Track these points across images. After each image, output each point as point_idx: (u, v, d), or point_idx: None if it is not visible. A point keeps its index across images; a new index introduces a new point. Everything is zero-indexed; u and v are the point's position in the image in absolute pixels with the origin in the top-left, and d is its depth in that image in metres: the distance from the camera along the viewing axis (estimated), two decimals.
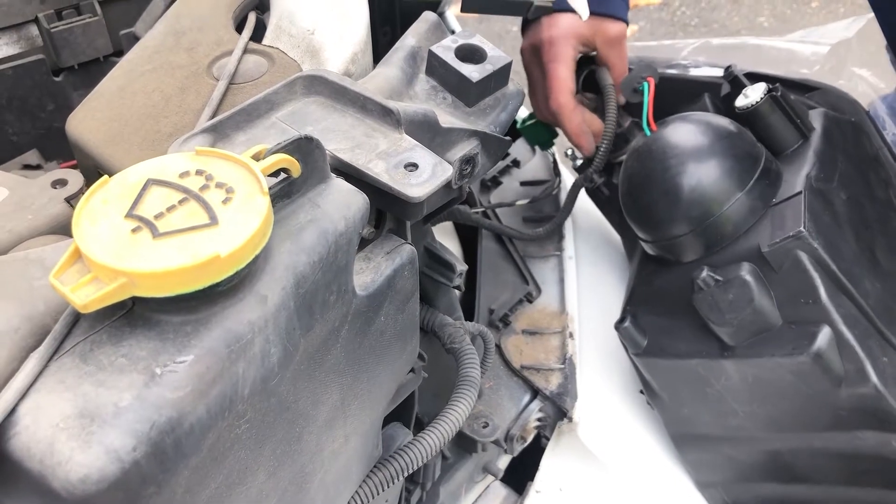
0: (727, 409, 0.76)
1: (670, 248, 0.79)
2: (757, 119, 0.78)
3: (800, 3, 3.14)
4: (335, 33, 0.62)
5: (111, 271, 0.36)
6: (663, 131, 0.80)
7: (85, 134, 0.55)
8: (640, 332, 0.81)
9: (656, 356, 0.80)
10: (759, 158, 0.75)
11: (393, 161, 0.51)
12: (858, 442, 0.70)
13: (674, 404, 0.82)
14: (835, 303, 0.67)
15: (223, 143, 0.50)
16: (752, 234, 0.72)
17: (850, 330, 0.67)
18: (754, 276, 0.69)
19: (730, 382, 0.74)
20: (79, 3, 0.77)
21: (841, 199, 0.74)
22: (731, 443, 0.79)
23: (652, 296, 0.83)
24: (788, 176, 0.75)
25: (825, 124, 0.78)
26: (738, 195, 0.73)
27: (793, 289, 0.68)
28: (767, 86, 0.78)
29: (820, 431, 0.72)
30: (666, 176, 0.76)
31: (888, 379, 0.67)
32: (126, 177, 0.41)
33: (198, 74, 0.58)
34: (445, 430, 0.62)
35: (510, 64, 0.65)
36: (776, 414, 0.73)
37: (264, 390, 0.42)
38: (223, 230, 0.38)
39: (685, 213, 0.75)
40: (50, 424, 0.35)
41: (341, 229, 0.45)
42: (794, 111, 0.77)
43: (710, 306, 0.71)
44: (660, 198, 0.77)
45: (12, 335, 0.38)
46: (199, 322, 0.39)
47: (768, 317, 0.70)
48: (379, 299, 0.51)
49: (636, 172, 0.81)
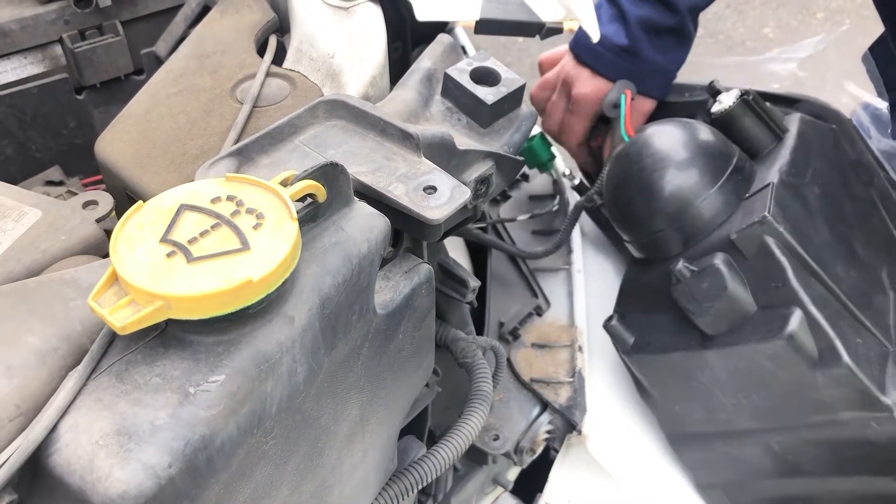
0: (715, 402, 0.78)
1: (651, 245, 0.82)
2: (731, 122, 0.81)
3: (805, 15, 3.15)
4: (354, 57, 0.64)
5: (148, 295, 0.38)
6: (640, 136, 0.84)
7: (113, 156, 0.56)
8: (628, 330, 0.84)
9: (643, 352, 0.82)
10: (732, 157, 0.79)
11: (412, 184, 0.53)
12: (841, 427, 0.71)
13: (665, 402, 0.84)
14: (803, 284, 0.69)
15: (248, 166, 0.52)
16: (725, 227, 0.75)
17: (819, 311, 0.68)
18: (727, 265, 0.72)
19: (714, 374, 0.76)
20: (102, 24, 0.79)
21: (814, 193, 0.77)
22: (724, 438, 0.81)
23: (637, 294, 0.86)
24: (762, 173, 0.78)
25: (800, 127, 0.81)
26: (710, 190, 0.76)
27: (763, 274, 0.71)
28: (740, 91, 0.81)
29: (804, 418, 0.73)
30: (642, 175, 0.80)
31: (861, 358, 0.68)
32: (160, 202, 0.42)
33: (222, 97, 0.60)
34: (459, 444, 0.64)
35: (524, 86, 0.67)
36: (760, 403, 0.75)
37: (290, 407, 0.44)
38: (255, 255, 0.40)
39: (662, 210, 0.78)
40: (89, 441, 0.37)
41: (364, 251, 0.47)
42: (766, 114, 0.80)
43: (687, 297, 0.73)
44: (637, 196, 0.80)
45: (52, 354, 0.40)
46: (230, 343, 0.40)
47: (743, 303, 0.72)
48: (398, 318, 0.53)
49: (616, 175, 0.84)
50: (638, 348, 0.83)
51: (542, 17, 0.76)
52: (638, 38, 0.93)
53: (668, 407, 0.84)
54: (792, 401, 0.72)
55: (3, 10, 0.75)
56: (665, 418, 0.86)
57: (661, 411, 0.86)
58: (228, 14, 0.70)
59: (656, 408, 0.86)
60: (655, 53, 0.94)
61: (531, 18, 0.76)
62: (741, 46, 2.98)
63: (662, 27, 0.93)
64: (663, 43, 0.94)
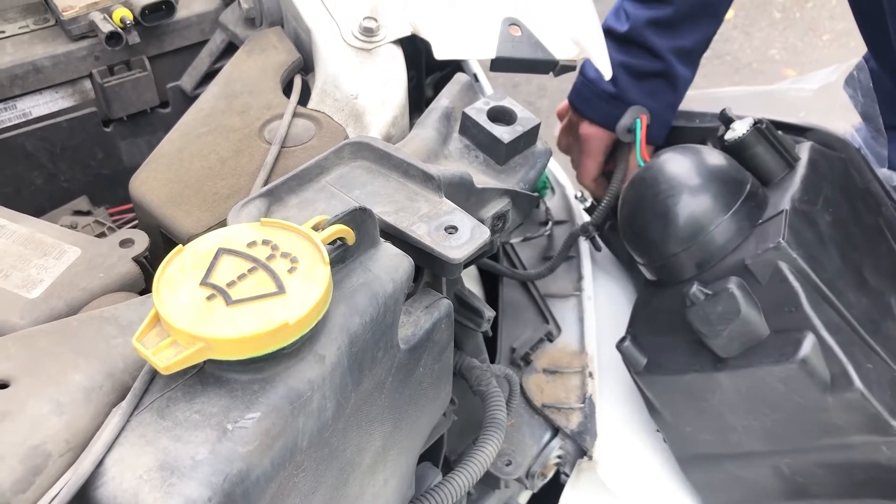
0: (726, 424, 0.79)
1: (665, 269, 0.84)
2: (744, 150, 0.83)
3: (811, 36, 3.18)
4: (377, 97, 0.67)
5: (190, 337, 0.40)
6: (655, 161, 0.86)
7: (147, 194, 0.59)
8: (640, 351, 0.85)
9: (655, 373, 0.84)
10: (745, 184, 0.80)
11: (434, 224, 0.55)
12: (851, 450, 0.72)
13: (676, 423, 0.86)
14: (816, 310, 0.71)
15: (278, 206, 0.54)
16: (739, 252, 0.77)
17: (832, 336, 0.70)
18: (741, 289, 0.73)
19: (725, 396, 0.77)
20: (129, 59, 0.81)
21: (826, 221, 0.78)
22: (734, 460, 0.82)
23: (650, 316, 0.88)
24: (774, 200, 0.80)
25: (811, 155, 0.83)
26: (724, 216, 0.78)
27: (777, 299, 0.72)
28: (753, 119, 0.83)
29: (814, 441, 0.74)
30: (657, 200, 0.82)
31: (873, 383, 0.69)
32: (199, 246, 0.45)
33: (250, 137, 0.63)
34: (474, 471, 0.65)
35: (539, 125, 0.69)
36: (771, 425, 0.76)
37: (320, 441, 0.46)
38: (290, 298, 0.42)
39: (676, 234, 0.80)
40: (134, 476, 0.39)
41: (390, 291, 0.49)
42: (779, 142, 0.82)
43: (701, 319, 0.75)
44: (653, 220, 0.82)
45: (97, 392, 0.42)
46: (265, 381, 0.43)
47: (756, 327, 0.73)
48: (419, 351, 0.55)
49: (631, 199, 0.87)
50: (650, 369, 0.84)
51: (555, 55, 0.79)
52: (623, 84, 0.96)
53: (679, 428, 0.86)
54: (803, 424, 0.74)
55: (37, 47, 0.78)
56: (675, 439, 0.88)
57: (671, 432, 0.88)
58: (255, 54, 0.73)
59: (667, 429, 0.88)
60: (643, 98, 0.96)
61: (545, 56, 0.79)
62: (748, 68, 3.01)
63: (645, 72, 0.96)
64: (650, 87, 0.96)
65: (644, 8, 0.95)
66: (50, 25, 0.81)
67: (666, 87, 0.97)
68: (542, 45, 0.79)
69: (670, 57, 0.95)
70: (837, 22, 3.20)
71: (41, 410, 0.41)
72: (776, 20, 3.27)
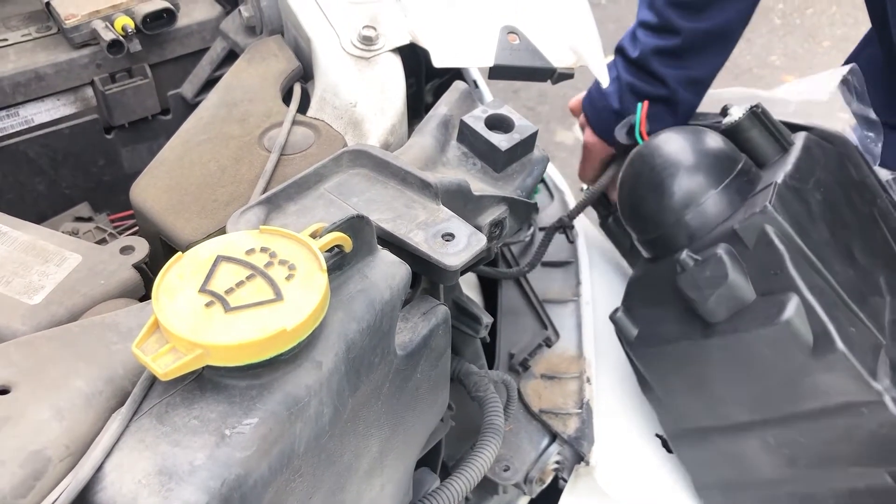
0: (714, 394, 0.80)
1: (660, 242, 0.86)
2: (739, 133, 0.85)
3: (811, 43, 3.19)
4: (376, 106, 0.67)
5: (189, 343, 0.41)
6: (653, 140, 0.88)
7: (148, 201, 0.59)
8: (633, 322, 0.87)
9: (647, 345, 0.85)
10: (737, 161, 0.83)
11: (431, 231, 0.55)
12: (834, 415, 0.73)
13: (667, 397, 0.87)
14: (801, 273, 0.72)
15: (277, 213, 0.55)
16: (729, 222, 0.79)
17: (815, 298, 0.71)
18: (728, 254, 0.75)
19: (714, 364, 0.78)
20: (131, 67, 0.82)
21: (816, 199, 0.80)
22: (723, 434, 0.83)
23: (644, 289, 0.90)
24: (767, 178, 0.81)
25: (806, 142, 0.85)
26: (716, 188, 0.81)
27: (763, 262, 0.74)
28: (750, 105, 0.85)
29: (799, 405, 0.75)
30: (653, 174, 0.84)
31: (854, 346, 0.70)
32: (198, 253, 0.45)
33: (250, 145, 0.63)
34: (472, 477, 0.66)
35: (536, 133, 0.70)
36: (758, 392, 0.77)
37: (317, 447, 0.46)
38: (287, 305, 0.42)
39: (670, 206, 0.83)
40: (133, 481, 0.40)
41: (387, 298, 0.49)
42: (774, 126, 0.84)
43: (690, 285, 0.76)
44: (648, 194, 0.85)
45: (98, 397, 0.43)
46: (262, 387, 0.43)
47: (743, 291, 0.75)
48: (416, 358, 0.56)
49: (630, 174, 0.89)
50: (642, 341, 0.86)
51: (553, 63, 0.80)
52: (627, 103, 0.99)
53: (670, 402, 0.87)
54: (787, 388, 0.75)
55: (39, 55, 0.79)
56: (666, 414, 0.89)
57: (662, 407, 0.89)
58: (255, 63, 0.74)
59: (658, 404, 0.89)
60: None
61: (543, 64, 0.79)
62: (748, 74, 3.01)
63: (650, 96, 0.97)
64: (653, 111, 0.97)
65: (653, 37, 0.97)
66: (52, 33, 0.81)
67: (668, 112, 0.99)
68: (540, 54, 0.80)
69: (676, 86, 0.97)
70: (837, 28, 3.21)
71: (42, 416, 0.41)
72: (776, 26, 3.28)
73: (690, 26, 0.95)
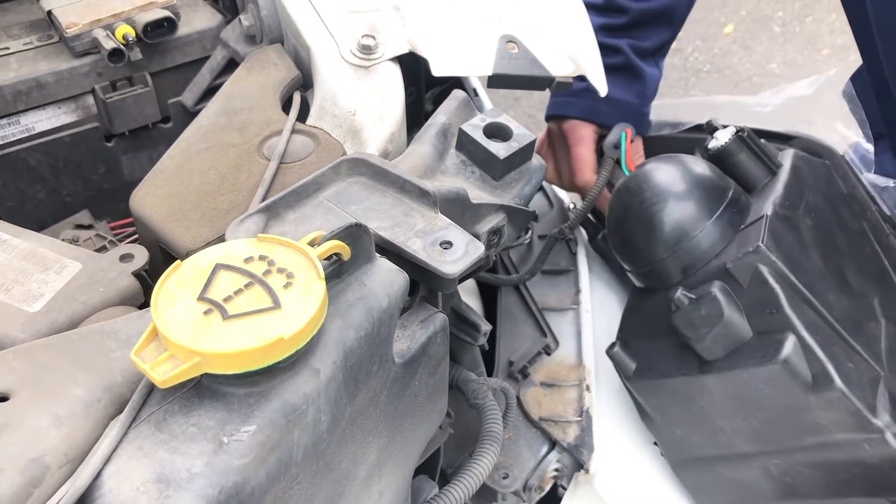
0: (714, 426, 0.80)
1: (652, 275, 0.85)
2: (726, 158, 0.85)
3: (811, 51, 3.20)
4: (375, 114, 0.68)
5: (187, 351, 0.41)
6: (640, 170, 0.88)
7: (147, 209, 0.60)
8: (630, 356, 0.87)
9: (645, 378, 0.85)
10: (727, 190, 0.82)
11: (429, 239, 0.56)
12: (835, 449, 0.73)
13: (667, 427, 0.87)
14: (797, 311, 0.72)
15: (275, 222, 0.55)
16: (722, 256, 0.78)
17: (812, 336, 0.71)
18: (723, 293, 0.74)
19: (712, 398, 0.78)
20: (131, 75, 0.83)
21: (807, 225, 0.80)
22: (724, 462, 0.83)
23: (639, 322, 0.89)
24: (757, 206, 0.81)
25: (794, 162, 0.84)
26: (707, 222, 0.80)
27: (758, 301, 0.73)
28: (735, 128, 0.85)
29: (799, 440, 0.75)
30: (642, 207, 0.83)
31: (853, 382, 0.70)
32: (196, 261, 0.46)
33: (249, 153, 0.64)
34: (470, 484, 0.66)
35: (534, 141, 0.70)
36: (758, 426, 0.77)
37: (315, 454, 0.46)
38: (285, 313, 0.43)
39: (661, 240, 0.82)
40: (131, 488, 0.40)
41: (385, 306, 0.50)
42: (761, 150, 0.84)
43: (686, 323, 0.76)
44: (638, 227, 0.84)
45: (96, 405, 0.43)
46: (260, 394, 0.43)
47: (739, 329, 0.74)
48: (414, 365, 0.56)
49: (617, 207, 0.88)
50: (640, 374, 0.85)
51: (551, 71, 0.80)
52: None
53: (670, 432, 0.87)
54: (788, 423, 0.75)
55: (41, 63, 0.79)
56: (667, 443, 0.89)
57: (663, 436, 0.89)
58: (255, 71, 0.74)
59: (658, 433, 0.89)
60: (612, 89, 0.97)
61: (541, 73, 0.80)
62: (748, 82, 3.02)
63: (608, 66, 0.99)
64: (616, 79, 0.99)
65: (599, 16, 1.01)
66: (53, 42, 0.82)
67: (631, 77, 1.01)
68: (539, 62, 0.80)
69: (628, 50, 1.00)
70: (837, 36, 3.22)
71: (40, 423, 0.42)
72: (776, 34, 3.29)
73: (637, 6, 1.00)
